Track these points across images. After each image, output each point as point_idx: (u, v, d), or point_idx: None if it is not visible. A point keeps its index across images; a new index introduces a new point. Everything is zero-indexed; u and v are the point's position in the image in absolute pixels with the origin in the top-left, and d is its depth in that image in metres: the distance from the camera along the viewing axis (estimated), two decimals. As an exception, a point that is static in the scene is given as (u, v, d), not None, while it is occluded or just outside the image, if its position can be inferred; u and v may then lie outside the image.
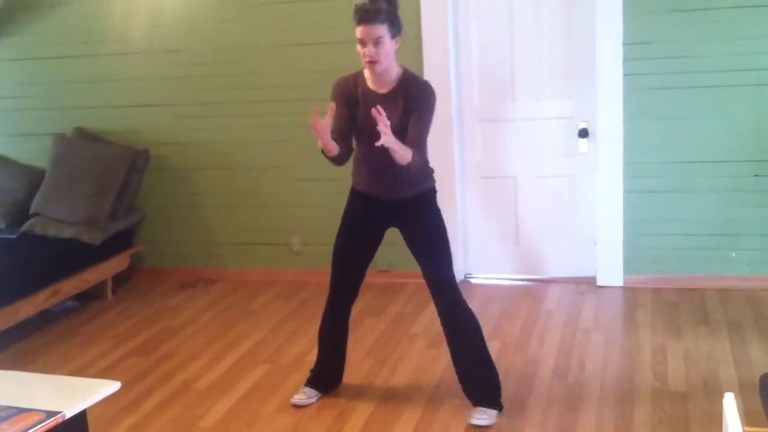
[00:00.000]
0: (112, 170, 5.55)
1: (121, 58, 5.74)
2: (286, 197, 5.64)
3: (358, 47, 3.34)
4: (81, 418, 2.28)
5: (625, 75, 4.85)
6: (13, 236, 5.42)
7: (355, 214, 3.70)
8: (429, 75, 5.13)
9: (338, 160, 3.52)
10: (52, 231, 5.41)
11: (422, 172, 3.58)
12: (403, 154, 3.31)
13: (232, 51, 5.52)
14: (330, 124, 3.35)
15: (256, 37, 5.45)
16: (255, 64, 5.49)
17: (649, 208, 5.01)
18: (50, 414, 2.14)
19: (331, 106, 3.38)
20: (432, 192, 3.67)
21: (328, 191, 5.47)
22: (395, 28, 3.34)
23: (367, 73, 3.47)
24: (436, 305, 3.66)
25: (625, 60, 4.83)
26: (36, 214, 5.55)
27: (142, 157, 5.72)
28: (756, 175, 4.80)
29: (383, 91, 3.44)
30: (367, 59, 3.32)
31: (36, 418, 2.12)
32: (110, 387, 2.35)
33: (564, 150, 5.16)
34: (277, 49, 5.42)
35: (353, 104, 3.48)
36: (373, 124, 3.20)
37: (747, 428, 2.14)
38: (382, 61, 3.33)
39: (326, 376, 3.96)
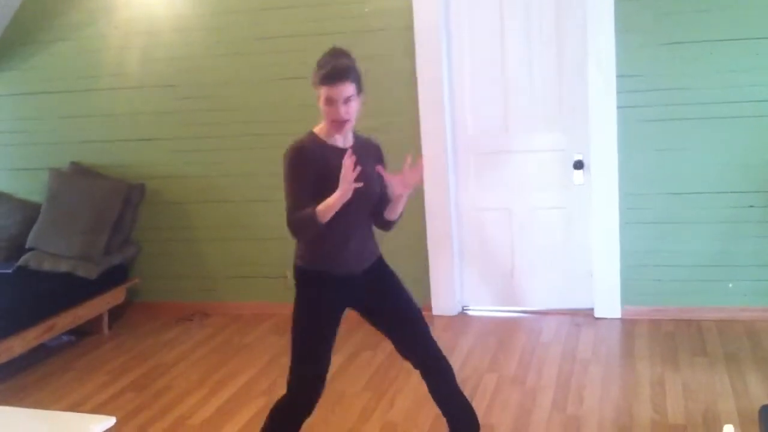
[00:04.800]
0: (107, 204, 5.55)
1: (116, 93, 5.76)
2: (281, 230, 5.53)
3: (323, 106, 3.11)
4: (74, 454, 2.26)
5: (618, 107, 4.87)
6: (9, 271, 5.41)
7: (332, 307, 3.23)
8: (424, 109, 5.19)
9: (320, 231, 3.16)
10: (47, 265, 5.39)
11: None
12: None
13: (226, 86, 5.54)
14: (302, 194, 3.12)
15: (250, 71, 5.48)
16: (249, 98, 5.52)
17: (646, 240, 5.01)
18: (43, 451, 2.12)
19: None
20: None
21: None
22: (360, 85, 3.15)
23: (321, 132, 3.21)
24: (427, 349, 3.36)
25: (619, 92, 4.86)
26: (31, 249, 5.54)
27: (137, 191, 5.72)
28: (751, 206, 4.81)
29: (348, 145, 3.20)
30: (337, 118, 3.08)
31: (29, 454, 2.10)
32: (105, 423, 2.33)
33: (559, 182, 5.17)
34: (271, 83, 5.44)
35: (322, 166, 3.12)
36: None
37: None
38: (352, 120, 3.12)
39: None
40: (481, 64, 5.19)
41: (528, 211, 5.28)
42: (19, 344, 4.80)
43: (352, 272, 3.23)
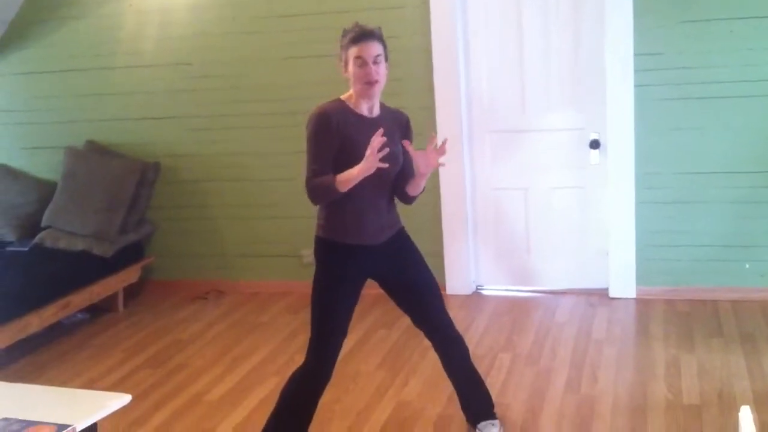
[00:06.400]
0: (123, 183, 5.56)
1: (131, 71, 5.76)
2: (297, 209, 5.63)
3: (352, 69, 3.12)
4: (92, 431, 2.27)
5: (636, 86, 4.83)
6: (25, 249, 5.44)
7: (351, 277, 3.25)
8: (439, 88, 5.16)
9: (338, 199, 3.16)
10: (63, 244, 5.42)
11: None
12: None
13: (242, 64, 5.53)
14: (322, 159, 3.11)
15: (266, 49, 5.46)
16: (265, 76, 5.51)
17: (661, 220, 4.99)
18: (61, 427, 2.13)
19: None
20: None
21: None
22: (386, 51, 3.19)
23: (349, 100, 3.21)
24: (443, 325, 3.43)
25: (636, 71, 4.81)
26: (47, 227, 5.57)
27: (152, 170, 5.73)
28: (768, 186, 4.78)
29: (375, 114, 3.24)
30: (368, 79, 3.10)
31: (47, 431, 2.12)
32: (121, 400, 2.34)
33: (575, 161, 5.15)
34: (286, 61, 5.43)
35: (347, 134, 3.13)
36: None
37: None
38: (381, 81, 3.15)
39: None
40: (497, 42, 5.15)
41: (544, 190, 5.26)
42: (35, 322, 4.83)
43: (372, 243, 3.25)
